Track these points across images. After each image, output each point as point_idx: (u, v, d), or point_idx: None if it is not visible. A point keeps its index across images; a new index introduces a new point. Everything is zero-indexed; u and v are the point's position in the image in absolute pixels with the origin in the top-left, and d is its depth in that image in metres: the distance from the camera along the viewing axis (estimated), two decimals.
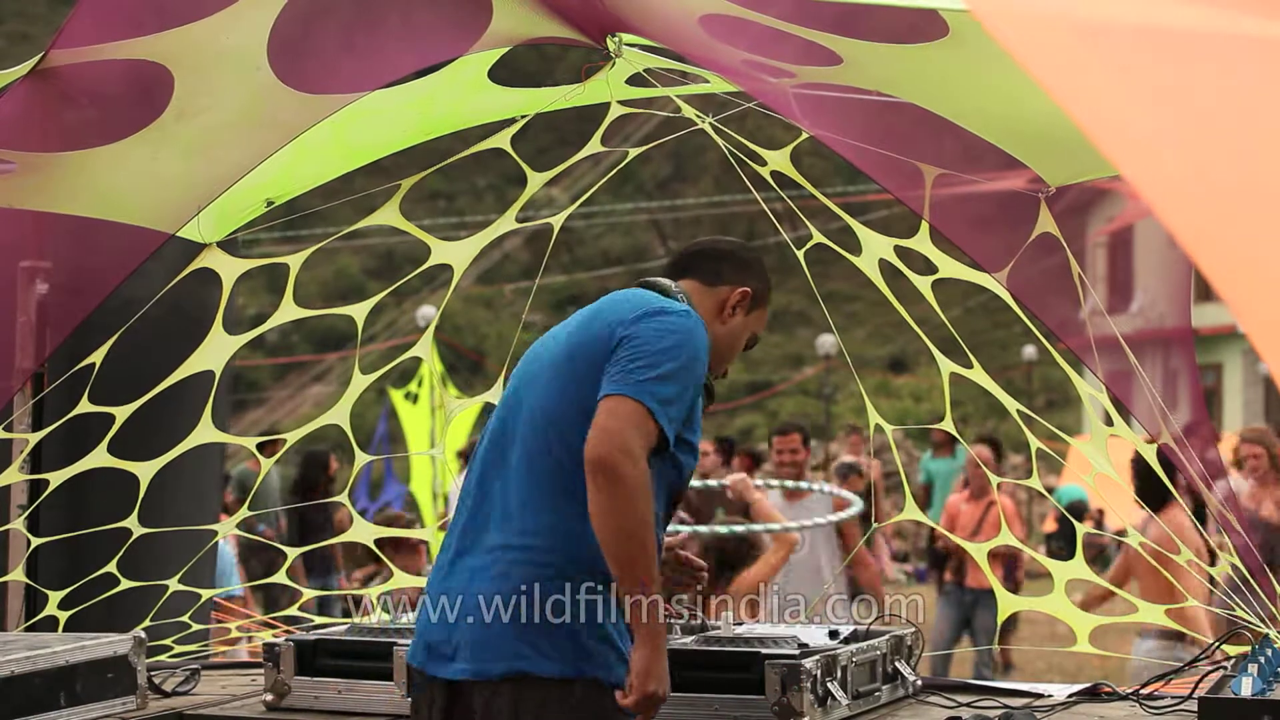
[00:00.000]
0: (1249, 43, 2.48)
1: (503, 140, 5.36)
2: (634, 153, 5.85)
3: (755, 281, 3.61)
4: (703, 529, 7.27)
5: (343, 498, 6.20)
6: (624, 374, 3.23)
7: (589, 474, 3.17)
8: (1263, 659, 3.73)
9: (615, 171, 6.18)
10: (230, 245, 5.33)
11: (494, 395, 5.40)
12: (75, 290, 5.04)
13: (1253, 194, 2.15)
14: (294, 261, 5.42)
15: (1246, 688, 3.57)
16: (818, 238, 5.28)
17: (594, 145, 5.47)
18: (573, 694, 3.24)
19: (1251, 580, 4.50)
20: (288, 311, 5.45)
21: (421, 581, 5.15)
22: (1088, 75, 2.32)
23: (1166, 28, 2.50)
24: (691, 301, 3.51)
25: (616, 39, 4.75)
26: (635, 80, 5.01)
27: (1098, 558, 19.86)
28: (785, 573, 7.59)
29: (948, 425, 5.44)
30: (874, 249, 5.13)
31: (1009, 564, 11.24)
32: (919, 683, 4.20)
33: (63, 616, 5.13)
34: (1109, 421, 5.06)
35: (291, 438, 5.75)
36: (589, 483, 3.18)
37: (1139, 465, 5.81)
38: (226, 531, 5.90)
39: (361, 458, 5.62)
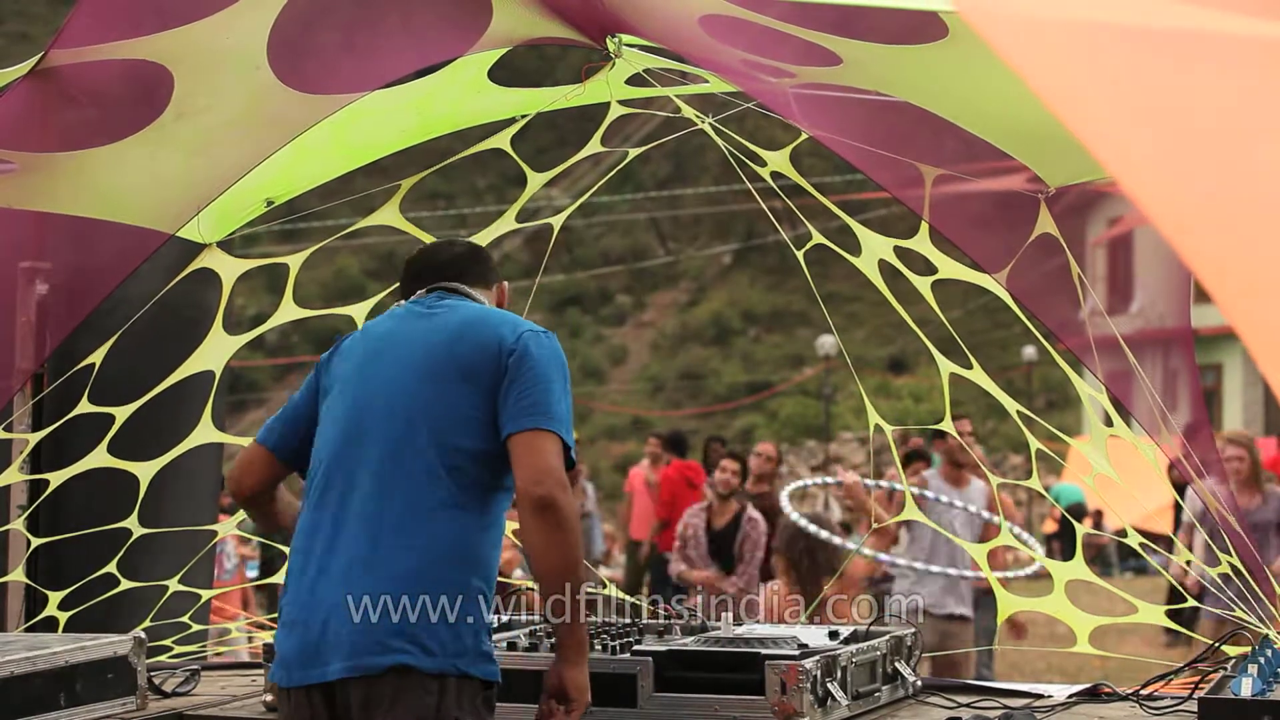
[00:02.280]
0: (1244, 43, 2.48)
1: (503, 140, 5.36)
2: (634, 153, 5.86)
3: (498, 271, 3.85)
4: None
5: None
6: (532, 405, 3.39)
7: (531, 510, 3.30)
8: (1263, 659, 3.73)
9: (615, 172, 6.18)
10: (228, 245, 5.33)
11: None
12: (75, 290, 5.04)
13: (1248, 196, 2.15)
14: (294, 261, 5.42)
15: (1246, 688, 3.57)
16: (817, 238, 5.28)
17: (594, 145, 5.47)
18: (451, 689, 3.30)
19: (1251, 580, 4.50)
20: (288, 312, 5.45)
21: None
22: (1080, 78, 2.32)
23: (1160, 29, 2.50)
24: None
25: (616, 39, 4.75)
26: (635, 80, 5.01)
27: (1096, 558, 19.90)
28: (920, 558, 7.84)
29: (947, 426, 5.44)
30: (874, 249, 5.13)
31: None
32: (919, 683, 4.20)
33: (63, 617, 5.13)
34: (1109, 422, 5.06)
35: None
36: (530, 517, 3.31)
37: None
38: (227, 531, 5.90)
39: None
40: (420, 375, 3.47)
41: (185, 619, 5.35)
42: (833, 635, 4.11)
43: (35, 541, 5.16)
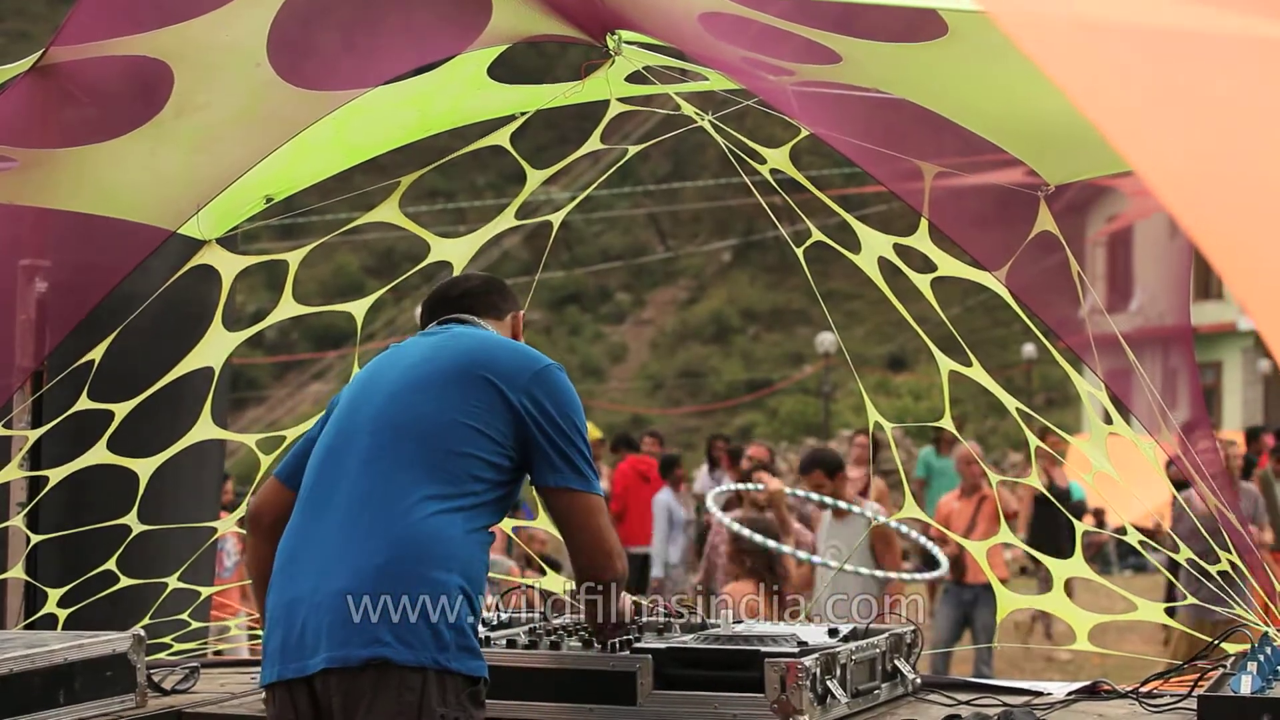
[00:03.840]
0: (1254, 43, 2.49)
1: (502, 137, 5.36)
2: (633, 150, 5.85)
3: (516, 301, 3.94)
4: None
5: None
6: (566, 464, 3.52)
7: (590, 575, 3.55)
8: (1262, 657, 3.74)
9: (615, 169, 6.18)
10: (228, 242, 5.33)
11: None
12: (75, 288, 5.04)
13: (1261, 190, 2.16)
14: (293, 258, 5.42)
15: (1246, 686, 3.57)
16: (817, 235, 5.27)
17: (593, 143, 5.47)
18: (432, 684, 3.30)
19: (1251, 579, 4.50)
20: (287, 308, 5.45)
21: None
22: (1099, 74, 2.33)
23: (1173, 29, 2.52)
24: None
25: (616, 36, 4.75)
26: (635, 78, 5.01)
27: (1097, 556, 19.90)
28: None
29: (947, 423, 5.44)
30: (873, 247, 5.12)
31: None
32: (918, 681, 4.19)
33: (62, 614, 5.13)
34: (1108, 420, 5.06)
35: (291, 435, 5.74)
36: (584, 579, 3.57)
37: None
38: (227, 528, 5.90)
39: None
40: (413, 382, 3.53)
41: (185, 616, 5.35)
42: (832, 633, 4.11)
43: (35, 538, 5.16)
